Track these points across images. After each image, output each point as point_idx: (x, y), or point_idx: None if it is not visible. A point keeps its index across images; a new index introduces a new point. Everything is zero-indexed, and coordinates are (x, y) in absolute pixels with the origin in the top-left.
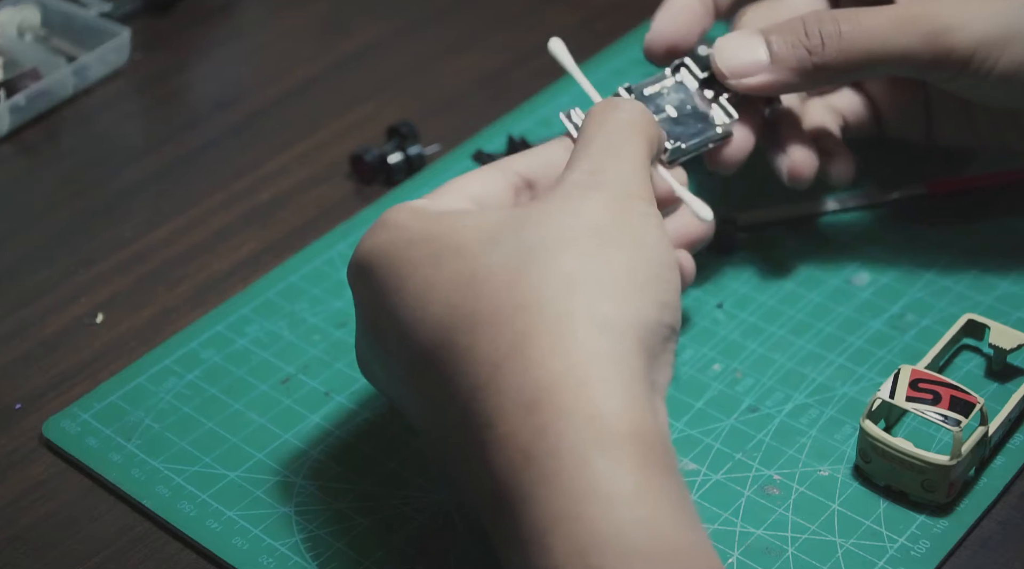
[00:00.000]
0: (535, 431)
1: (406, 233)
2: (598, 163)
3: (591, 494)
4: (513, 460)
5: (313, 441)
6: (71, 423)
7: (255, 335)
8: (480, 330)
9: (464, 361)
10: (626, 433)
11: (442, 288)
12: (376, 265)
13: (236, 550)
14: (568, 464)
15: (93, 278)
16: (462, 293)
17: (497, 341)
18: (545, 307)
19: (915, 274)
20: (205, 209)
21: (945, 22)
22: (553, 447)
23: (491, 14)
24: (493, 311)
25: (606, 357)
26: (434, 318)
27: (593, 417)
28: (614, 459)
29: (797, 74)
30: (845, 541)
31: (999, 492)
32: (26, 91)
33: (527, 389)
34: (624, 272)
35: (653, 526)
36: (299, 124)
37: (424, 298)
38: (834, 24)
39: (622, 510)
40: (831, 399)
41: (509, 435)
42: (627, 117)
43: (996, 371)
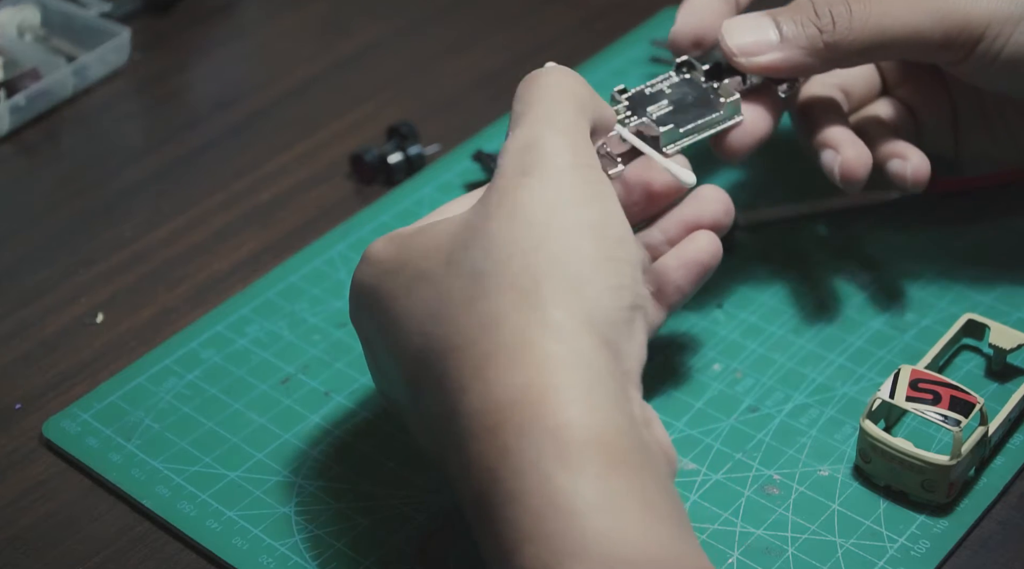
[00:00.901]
0: (499, 452)
1: (383, 264)
2: (527, 140)
3: (553, 510)
4: (483, 480)
5: (313, 441)
6: (71, 423)
7: (255, 335)
8: (449, 356)
9: (439, 387)
10: (587, 440)
11: (417, 317)
12: (364, 299)
13: (236, 550)
14: (531, 481)
15: (93, 278)
16: (433, 320)
17: (463, 366)
18: (501, 325)
19: (915, 274)
20: (205, 209)
21: (956, 1)
22: (516, 466)
23: (491, 14)
24: (457, 335)
25: (563, 364)
26: (414, 347)
27: (552, 429)
28: (576, 471)
29: (807, 53)
30: (845, 541)
31: (999, 492)
32: (26, 91)
33: (489, 411)
34: (569, 267)
35: (621, 535)
36: (299, 124)
37: (405, 327)
38: (844, 4)
39: (587, 522)
40: (831, 399)
41: (477, 457)
42: (550, 79)
43: (996, 371)
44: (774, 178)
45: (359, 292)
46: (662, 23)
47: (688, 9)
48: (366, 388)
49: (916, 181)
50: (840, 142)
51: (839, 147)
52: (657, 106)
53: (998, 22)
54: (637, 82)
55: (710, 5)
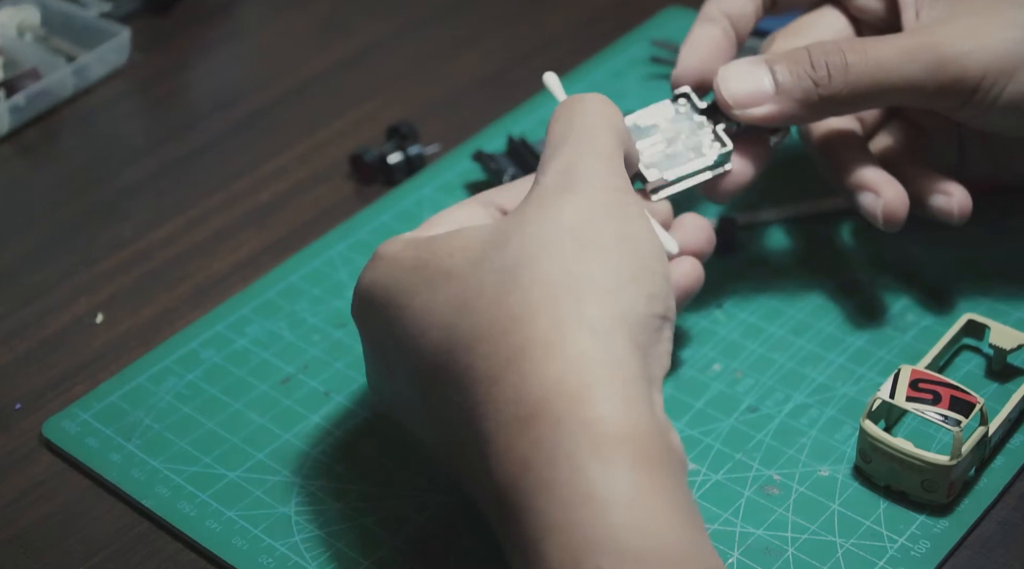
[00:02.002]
0: (532, 442)
1: (400, 263)
2: (568, 161)
3: (586, 500)
4: (512, 471)
5: (313, 441)
6: (71, 423)
7: (255, 335)
8: (477, 348)
9: (463, 379)
10: (622, 436)
11: (438, 312)
12: (376, 298)
13: (236, 550)
14: (564, 472)
15: (93, 278)
16: (458, 314)
17: (493, 357)
18: (535, 317)
19: (915, 274)
20: (205, 209)
21: (951, 51)
22: (549, 456)
23: (491, 14)
24: (487, 327)
25: (598, 361)
26: (433, 342)
27: (588, 423)
28: (609, 464)
29: (802, 106)
30: (845, 541)
31: (999, 492)
32: (26, 91)
33: (523, 402)
34: (607, 271)
35: (648, 529)
36: (299, 124)
37: (423, 323)
38: (840, 55)
39: (616, 515)
40: (831, 399)
41: (508, 448)
42: (592, 107)
43: (996, 371)
44: (774, 178)
45: (369, 289)
46: (662, 23)
47: (688, 52)
48: (366, 388)
49: (962, 216)
50: (878, 184)
51: (878, 190)
52: (650, 142)
53: (993, 73)
54: (637, 82)
55: (711, 43)
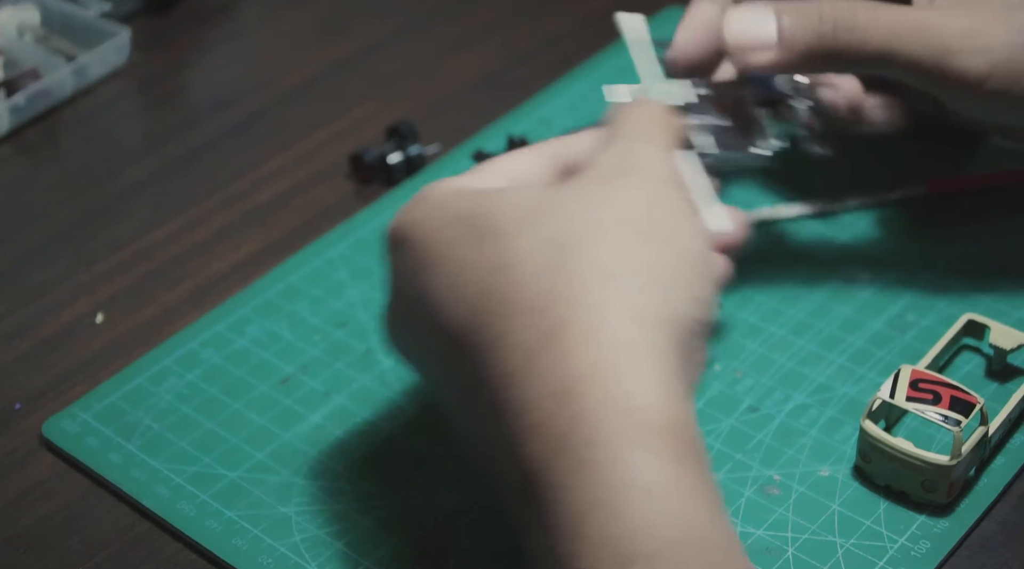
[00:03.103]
0: (569, 420)
1: (443, 211)
2: (629, 147)
3: (626, 485)
4: (546, 447)
5: (313, 441)
6: (71, 423)
7: (255, 335)
8: (514, 317)
9: (497, 347)
10: (661, 427)
11: (475, 271)
12: (411, 240)
13: (236, 550)
14: (603, 454)
15: (93, 278)
16: (496, 278)
17: (531, 329)
18: (581, 297)
19: (915, 274)
20: (205, 209)
21: (956, 43)
22: (588, 437)
23: (491, 14)
24: (528, 298)
25: (641, 350)
26: (467, 302)
27: (629, 410)
28: (649, 452)
29: (803, 58)
30: (845, 541)
31: (999, 492)
32: (26, 91)
33: (561, 378)
34: (658, 266)
35: (685, 519)
36: (299, 124)
37: (457, 280)
38: (851, 14)
39: (656, 503)
40: (831, 399)
41: (542, 423)
42: (653, 111)
43: (996, 371)
44: (774, 178)
45: (408, 228)
46: (662, 23)
47: (686, 27)
48: (366, 388)
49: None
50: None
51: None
52: (700, 119)
53: (1000, 73)
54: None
55: (709, 22)
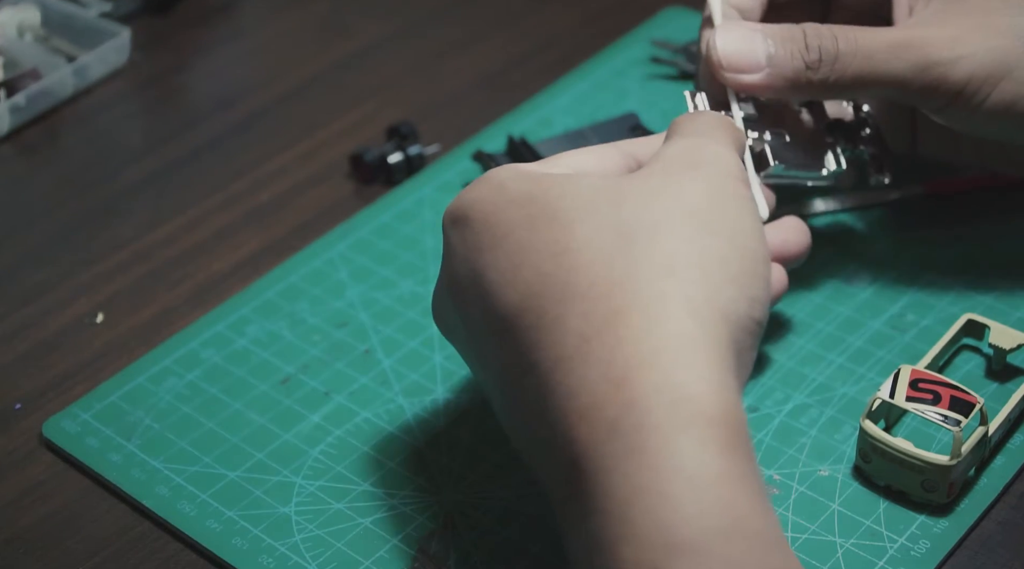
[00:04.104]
0: (623, 406)
1: (506, 193)
2: (697, 142)
3: (676, 472)
4: (597, 431)
5: (313, 441)
6: (71, 423)
7: (255, 335)
8: (572, 302)
9: (552, 330)
10: (713, 417)
11: (535, 253)
12: (473, 219)
13: (236, 550)
14: (654, 440)
15: (93, 278)
16: (555, 261)
17: (589, 315)
18: (640, 287)
19: (915, 274)
20: (205, 209)
21: (937, 54)
22: (639, 422)
23: (491, 14)
24: (587, 285)
25: (697, 342)
26: (524, 283)
27: (682, 399)
28: (700, 441)
29: (790, 84)
30: (845, 541)
31: (999, 492)
32: (26, 91)
33: (616, 364)
34: (719, 261)
35: (734, 509)
36: (299, 124)
37: (516, 261)
38: (832, 42)
39: (705, 491)
40: (831, 399)
41: (594, 407)
42: (720, 117)
43: (996, 371)
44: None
45: (469, 207)
46: (662, 23)
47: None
48: (366, 388)
49: None
50: None
51: None
52: (763, 133)
53: (978, 79)
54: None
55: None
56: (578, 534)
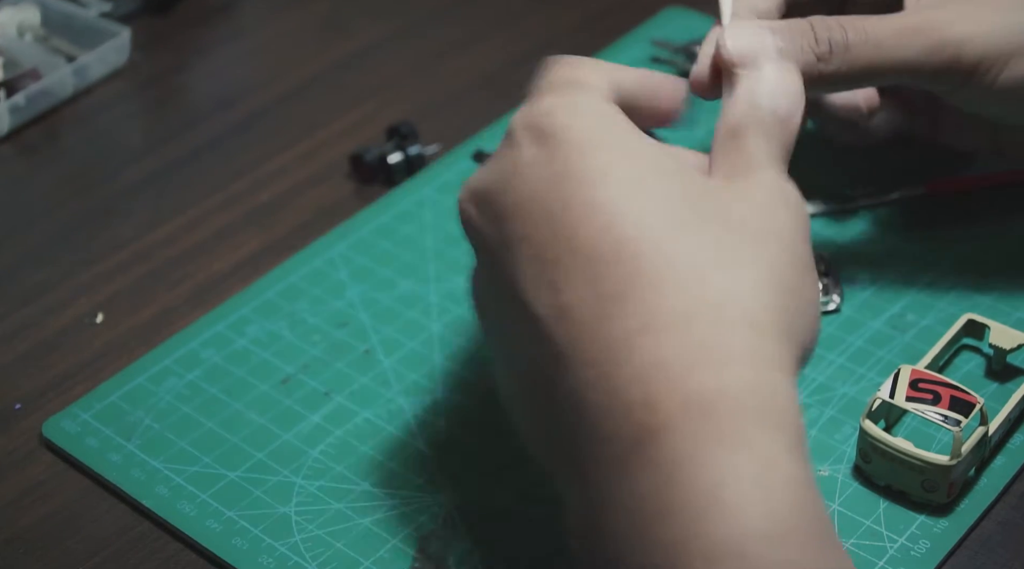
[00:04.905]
0: (718, 391)
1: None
2: (781, 177)
3: (773, 465)
4: (689, 406)
5: (313, 441)
6: (71, 423)
7: (255, 335)
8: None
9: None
10: (799, 429)
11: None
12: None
13: (236, 550)
14: (752, 431)
15: (93, 278)
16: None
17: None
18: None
19: (915, 274)
20: (205, 209)
21: (950, 33)
22: (736, 411)
23: (491, 14)
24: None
25: (785, 360)
26: (623, 235)
27: (773, 407)
28: (791, 445)
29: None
30: (845, 541)
31: (999, 492)
32: (26, 91)
33: (716, 351)
34: (799, 296)
35: (817, 509)
36: (299, 124)
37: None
38: (841, 33)
39: (799, 491)
40: (831, 399)
41: (688, 382)
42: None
43: (996, 371)
44: None
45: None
46: (662, 23)
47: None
48: (366, 388)
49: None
50: None
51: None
52: None
53: (991, 58)
54: None
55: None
56: (634, 501)
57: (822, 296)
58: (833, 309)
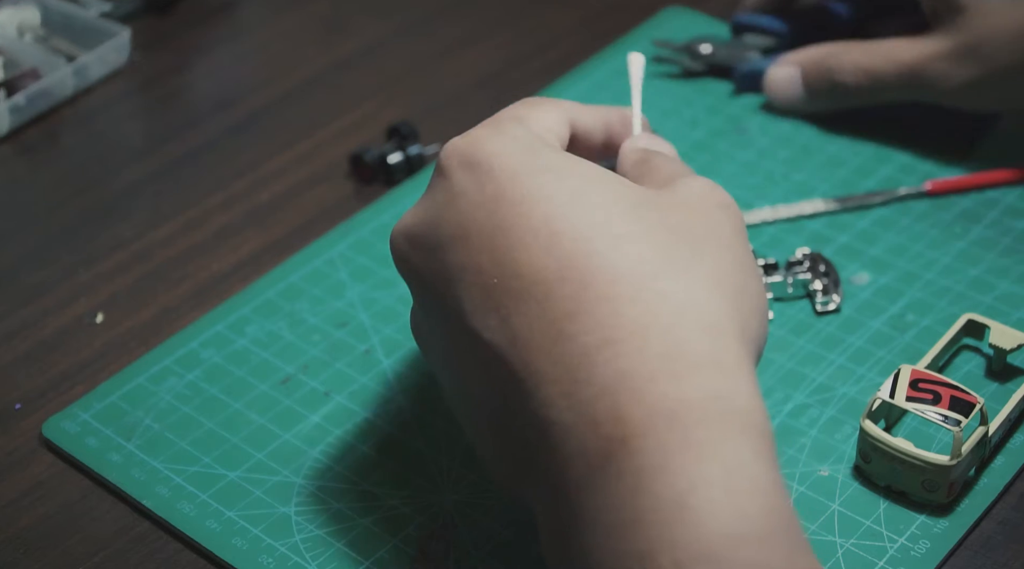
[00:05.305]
0: (681, 400)
1: (539, 158)
2: (712, 183)
3: (738, 471)
4: (655, 417)
5: (313, 441)
6: (71, 423)
7: (255, 335)
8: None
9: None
10: (764, 432)
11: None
12: (497, 170)
13: (236, 550)
14: (717, 437)
15: (93, 278)
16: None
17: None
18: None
19: (915, 274)
20: (205, 209)
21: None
22: (700, 419)
23: (491, 14)
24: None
25: (745, 361)
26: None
27: (737, 409)
28: (756, 450)
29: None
30: (845, 541)
31: (999, 492)
32: (26, 91)
33: (677, 360)
34: (749, 295)
35: (784, 513)
36: (299, 124)
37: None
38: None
39: (764, 495)
40: (831, 399)
41: (652, 393)
42: None
43: (996, 371)
44: (774, 178)
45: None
46: (662, 23)
47: None
48: (366, 388)
49: None
50: None
51: None
52: None
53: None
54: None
55: None
56: (603, 514)
57: (822, 296)
58: (833, 309)
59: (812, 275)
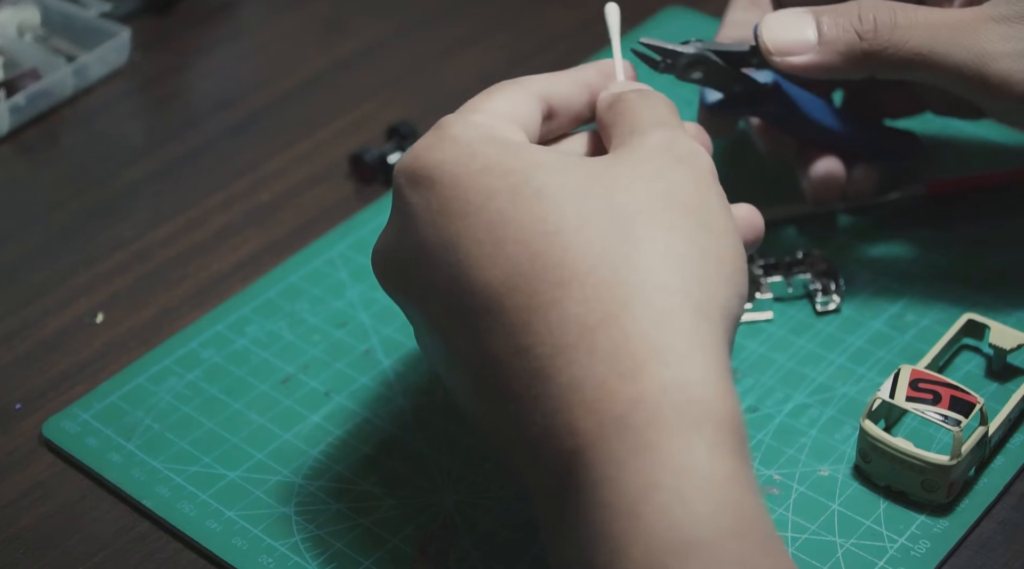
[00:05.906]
0: (631, 402)
1: (479, 159)
2: (672, 133)
3: (690, 470)
4: (605, 425)
5: (313, 441)
6: (71, 423)
7: (255, 335)
8: (569, 287)
9: (547, 314)
10: (722, 420)
11: (520, 230)
12: (440, 182)
13: (236, 550)
14: (667, 438)
15: (93, 278)
16: (547, 241)
17: (591, 303)
18: (645, 279)
19: (915, 274)
20: (205, 209)
21: (995, 48)
22: (650, 419)
23: (491, 14)
24: (585, 271)
25: (704, 342)
26: (510, 260)
27: (692, 400)
28: (711, 442)
29: (844, 58)
30: (845, 541)
31: (999, 492)
32: (26, 91)
33: (624, 359)
34: (716, 260)
35: (743, 510)
36: (299, 124)
37: (498, 235)
38: (891, 14)
39: (718, 491)
40: (831, 399)
41: (602, 400)
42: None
43: (996, 371)
44: (774, 178)
45: (437, 170)
46: (662, 23)
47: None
48: (366, 388)
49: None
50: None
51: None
52: None
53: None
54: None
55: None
56: (573, 528)
57: (822, 296)
58: (833, 309)
59: (812, 275)
